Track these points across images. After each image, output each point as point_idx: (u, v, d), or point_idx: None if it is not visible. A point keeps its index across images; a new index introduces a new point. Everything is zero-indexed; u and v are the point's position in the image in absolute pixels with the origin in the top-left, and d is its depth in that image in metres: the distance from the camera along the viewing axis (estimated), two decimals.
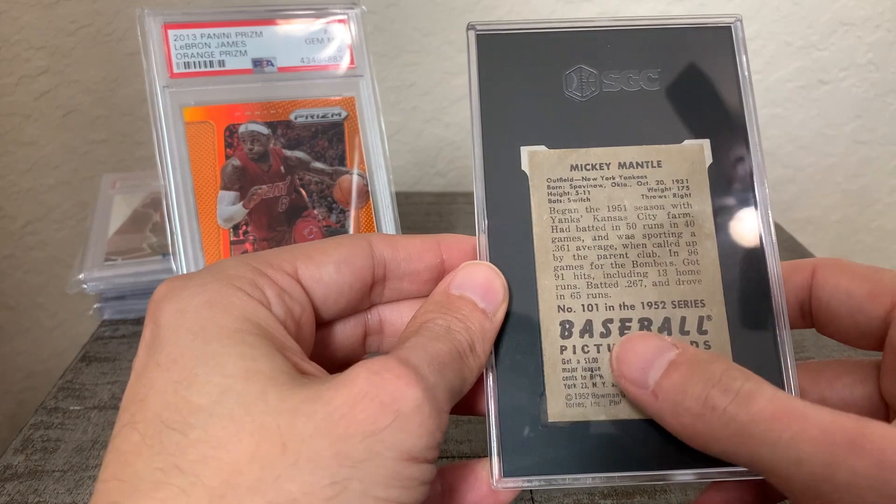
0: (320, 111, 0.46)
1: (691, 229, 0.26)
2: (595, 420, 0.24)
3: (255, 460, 0.17)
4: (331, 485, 0.17)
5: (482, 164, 0.26)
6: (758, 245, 0.26)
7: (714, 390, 0.20)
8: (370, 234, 0.25)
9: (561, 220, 0.26)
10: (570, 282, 0.25)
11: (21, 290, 0.81)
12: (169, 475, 0.17)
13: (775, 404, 0.19)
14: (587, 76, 0.27)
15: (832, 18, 0.79)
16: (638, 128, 0.27)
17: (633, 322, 0.25)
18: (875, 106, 0.83)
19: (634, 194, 0.26)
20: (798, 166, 0.86)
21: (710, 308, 0.25)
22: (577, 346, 0.25)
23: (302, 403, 0.18)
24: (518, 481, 0.24)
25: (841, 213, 0.88)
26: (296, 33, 0.46)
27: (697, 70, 0.27)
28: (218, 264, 0.22)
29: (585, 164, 0.26)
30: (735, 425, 0.19)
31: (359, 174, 0.46)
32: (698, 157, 0.26)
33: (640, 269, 0.25)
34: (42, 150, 0.76)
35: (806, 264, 0.26)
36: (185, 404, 0.18)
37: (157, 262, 0.51)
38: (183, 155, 0.43)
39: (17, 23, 0.71)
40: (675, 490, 0.34)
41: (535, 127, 0.26)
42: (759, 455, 0.19)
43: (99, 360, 0.46)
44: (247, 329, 0.19)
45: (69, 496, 0.35)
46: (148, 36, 0.43)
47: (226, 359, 0.18)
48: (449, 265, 0.25)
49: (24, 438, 0.39)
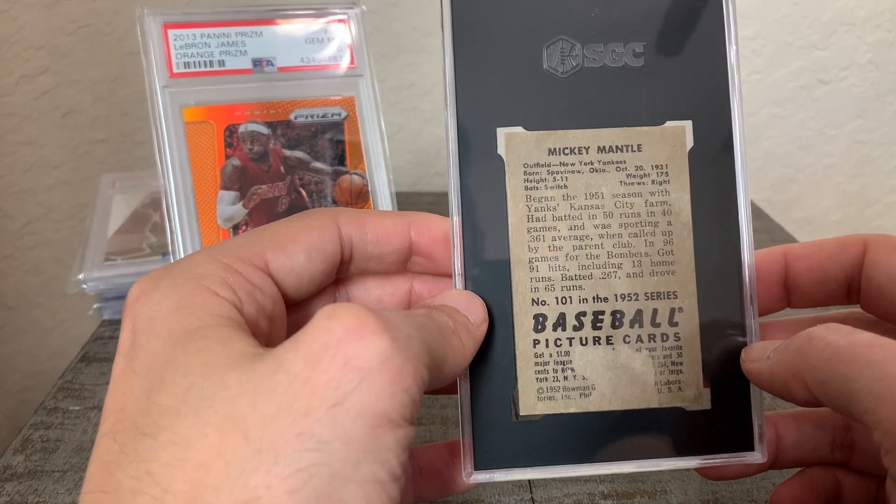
0: (320, 111, 0.46)
1: (668, 218, 0.25)
2: (566, 413, 0.24)
3: (220, 455, 0.16)
4: (296, 473, 0.16)
5: (456, 147, 0.25)
6: (734, 235, 0.25)
7: (817, 327, 0.21)
8: (338, 212, 0.24)
9: (537, 209, 0.25)
10: (544, 274, 0.25)
11: (21, 290, 0.81)
12: (143, 483, 0.16)
13: (874, 337, 0.20)
14: (569, 49, 0.25)
15: (832, 18, 0.79)
16: (619, 108, 0.25)
17: (606, 315, 0.25)
18: (875, 106, 0.83)
19: (613, 181, 0.25)
20: (798, 166, 0.86)
21: (683, 300, 0.25)
22: (550, 339, 0.25)
23: (262, 379, 0.17)
24: (490, 474, 0.24)
25: (841, 213, 0.88)
26: (296, 33, 0.46)
27: (684, 44, 0.25)
28: (189, 260, 0.21)
29: (564, 147, 0.25)
30: (832, 350, 0.20)
31: (359, 174, 0.46)
32: (679, 140, 0.25)
33: (614, 261, 0.25)
34: (42, 150, 0.76)
35: (856, 241, 0.25)
36: (155, 408, 0.17)
37: (157, 262, 0.50)
38: (183, 155, 0.43)
39: (17, 23, 0.71)
40: (675, 490, 0.34)
41: (512, 106, 0.25)
42: (848, 375, 0.20)
43: (99, 360, 0.46)
44: (208, 323, 0.19)
45: (69, 496, 0.35)
46: (148, 36, 0.43)
47: (186, 358, 0.18)
48: (417, 248, 0.25)
49: (23, 438, 0.39)
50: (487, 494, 0.34)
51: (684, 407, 0.25)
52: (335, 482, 0.16)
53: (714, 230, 0.25)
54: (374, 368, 0.17)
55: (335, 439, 0.16)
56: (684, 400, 0.25)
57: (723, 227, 0.25)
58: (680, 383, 0.25)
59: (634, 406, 0.24)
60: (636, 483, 0.34)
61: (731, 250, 0.25)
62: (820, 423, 0.26)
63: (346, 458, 0.16)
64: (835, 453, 0.26)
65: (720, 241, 0.25)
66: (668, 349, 0.25)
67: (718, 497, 0.33)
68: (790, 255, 0.26)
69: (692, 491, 0.34)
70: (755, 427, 0.25)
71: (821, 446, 0.26)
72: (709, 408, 0.25)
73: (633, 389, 0.25)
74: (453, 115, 0.25)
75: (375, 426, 0.17)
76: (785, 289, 0.26)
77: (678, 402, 0.25)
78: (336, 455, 0.16)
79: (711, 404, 0.25)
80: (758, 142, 0.84)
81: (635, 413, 0.24)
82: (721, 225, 0.25)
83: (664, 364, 0.25)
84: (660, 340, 0.25)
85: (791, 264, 0.26)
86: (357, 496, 0.16)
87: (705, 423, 0.24)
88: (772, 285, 0.26)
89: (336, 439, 0.16)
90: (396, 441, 0.17)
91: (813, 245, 0.26)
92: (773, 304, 0.26)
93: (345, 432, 0.16)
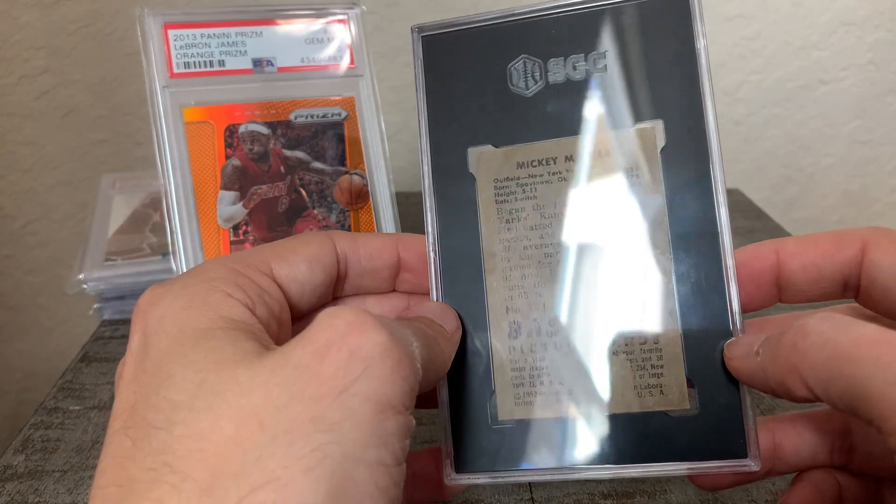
0: (320, 111, 0.46)
1: (642, 219, 0.25)
2: (543, 417, 0.25)
3: (236, 445, 0.17)
4: (311, 453, 0.17)
5: (430, 168, 0.26)
6: (712, 230, 0.24)
7: (810, 318, 0.20)
8: (332, 232, 0.26)
9: (508, 220, 0.26)
10: (517, 282, 0.25)
11: (21, 290, 0.81)
12: (161, 473, 0.17)
13: (877, 332, 0.19)
14: (531, 67, 0.26)
15: (832, 18, 0.79)
16: (586, 116, 0.26)
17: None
18: (875, 106, 0.83)
19: (581, 188, 0.25)
20: (798, 166, 0.86)
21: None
22: (525, 345, 0.25)
23: (272, 374, 0.18)
24: (470, 477, 0.25)
25: (841, 213, 0.88)
26: (296, 33, 0.46)
27: (648, 48, 0.25)
28: (200, 267, 0.22)
29: (531, 160, 0.26)
30: (832, 347, 0.19)
31: (359, 174, 0.46)
32: (650, 140, 0.25)
33: (587, 265, 0.25)
34: (42, 150, 0.76)
35: (853, 237, 0.24)
36: (166, 403, 0.18)
37: (157, 262, 0.51)
38: (183, 155, 0.43)
39: (17, 23, 0.71)
40: (676, 490, 0.34)
41: (481, 126, 0.26)
42: (856, 376, 0.18)
43: (99, 360, 0.46)
44: (218, 325, 0.20)
45: (69, 496, 0.35)
46: (148, 36, 0.43)
47: (196, 355, 0.19)
48: (405, 264, 0.27)
49: (24, 438, 0.39)
50: (487, 494, 0.34)
51: (668, 412, 0.24)
52: (347, 462, 0.17)
53: (690, 227, 0.24)
54: (376, 358, 0.18)
55: (345, 421, 0.17)
56: (667, 404, 0.24)
57: (700, 222, 0.24)
58: (661, 387, 0.24)
59: (613, 411, 0.24)
60: (636, 483, 0.34)
61: (710, 246, 0.24)
62: (820, 427, 0.26)
63: (357, 440, 0.17)
64: (834, 457, 0.26)
65: (697, 237, 0.24)
66: (646, 352, 0.24)
67: (718, 497, 0.34)
68: (783, 251, 0.25)
69: (692, 491, 0.34)
70: (747, 433, 0.23)
71: (820, 451, 0.26)
72: (696, 412, 0.24)
73: (611, 394, 0.24)
74: (426, 139, 0.26)
75: (380, 411, 0.18)
76: (777, 286, 0.25)
77: (661, 406, 0.24)
78: (347, 435, 0.17)
79: (699, 409, 0.24)
80: (758, 142, 0.84)
81: (615, 418, 0.24)
82: (698, 220, 0.24)
83: (643, 367, 0.24)
84: (637, 343, 0.24)
85: (784, 262, 0.25)
86: (366, 476, 0.17)
87: (693, 429, 0.24)
88: (762, 283, 0.25)
89: (346, 420, 0.17)
90: (399, 426, 0.18)
91: (806, 240, 0.25)
92: (763, 300, 0.25)
93: (354, 414, 0.17)
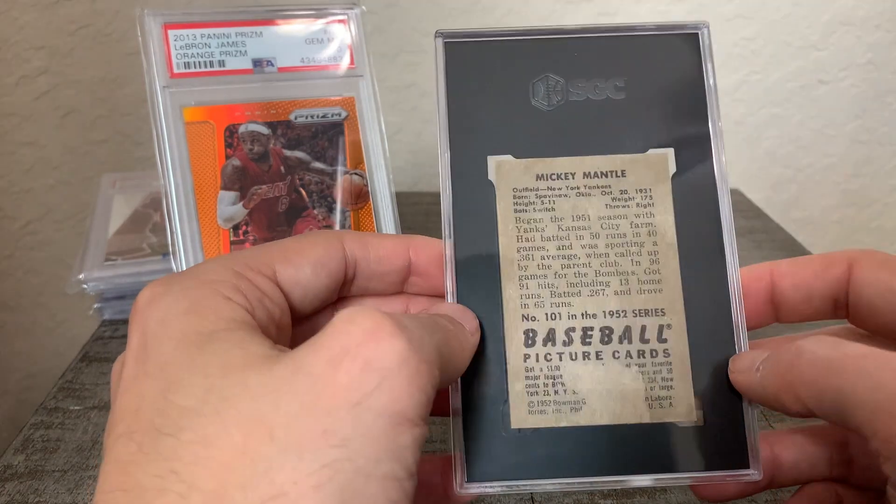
0: (320, 111, 0.46)
1: (654, 238, 0.26)
2: (557, 427, 0.25)
3: (245, 454, 0.17)
4: (321, 469, 0.16)
5: (450, 172, 0.26)
6: (719, 254, 0.26)
7: (805, 340, 0.22)
8: (342, 233, 0.25)
9: (526, 230, 0.26)
10: (534, 291, 0.26)
11: (21, 290, 0.81)
12: (168, 481, 0.17)
13: (864, 348, 0.20)
14: (554, 84, 0.27)
15: (832, 18, 0.79)
16: (603, 137, 0.27)
17: (595, 331, 0.25)
18: (875, 106, 0.83)
19: (598, 204, 0.26)
20: (798, 166, 0.86)
21: (671, 317, 0.25)
22: (540, 354, 0.25)
23: (283, 381, 0.17)
24: (481, 486, 0.24)
25: (841, 213, 0.88)
26: (296, 33, 0.46)
27: (663, 79, 0.27)
28: (200, 267, 0.22)
29: (551, 173, 0.27)
30: (823, 363, 0.20)
31: (359, 174, 0.46)
32: (662, 166, 0.27)
33: (602, 279, 0.26)
34: (42, 151, 0.76)
35: (840, 258, 0.26)
36: (173, 409, 0.18)
37: (157, 262, 0.51)
38: (183, 155, 0.43)
39: (17, 23, 0.71)
40: (676, 490, 0.34)
41: (502, 136, 0.27)
42: (843, 387, 0.20)
43: (99, 360, 0.46)
44: (223, 328, 0.19)
45: (69, 496, 0.35)
46: (148, 36, 0.43)
47: (203, 359, 0.18)
48: (416, 268, 0.26)
49: (24, 438, 0.39)
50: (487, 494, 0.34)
51: (676, 423, 0.25)
52: (358, 478, 0.17)
53: (699, 249, 0.26)
54: (392, 369, 0.18)
55: (358, 436, 0.17)
56: (676, 416, 0.25)
57: (707, 246, 0.26)
58: (671, 399, 0.25)
59: (625, 421, 0.25)
60: None
61: (717, 269, 0.26)
62: (818, 441, 0.26)
63: (369, 455, 0.17)
64: (833, 470, 0.26)
65: (705, 259, 0.26)
66: (657, 365, 0.25)
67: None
68: (776, 272, 0.26)
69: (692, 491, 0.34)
70: (749, 444, 0.25)
71: (819, 464, 0.26)
72: (702, 424, 0.25)
73: (623, 405, 0.25)
74: (446, 144, 0.27)
75: (395, 424, 0.17)
76: (772, 305, 0.27)
77: (670, 417, 0.25)
78: (359, 452, 0.17)
79: (704, 421, 0.25)
80: (758, 142, 0.84)
81: (627, 428, 0.25)
82: (705, 244, 0.26)
83: (654, 380, 0.25)
84: (649, 356, 0.25)
85: (777, 282, 0.26)
86: (378, 492, 0.17)
87: (699, 440, 0.25)
88: (759, 302, 0.27)
89: (359, 436, 0.17)
90: (413, 439, 0.18)
91: (798, 262, 0.26)
92: (760, 319, 0.27)
93: (367, 430, 0.17)
